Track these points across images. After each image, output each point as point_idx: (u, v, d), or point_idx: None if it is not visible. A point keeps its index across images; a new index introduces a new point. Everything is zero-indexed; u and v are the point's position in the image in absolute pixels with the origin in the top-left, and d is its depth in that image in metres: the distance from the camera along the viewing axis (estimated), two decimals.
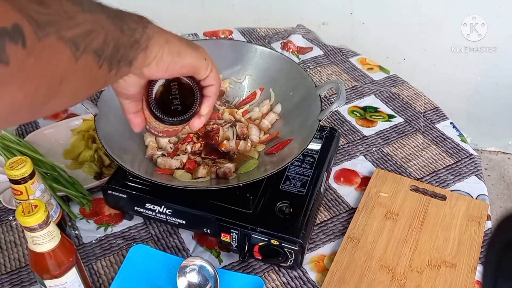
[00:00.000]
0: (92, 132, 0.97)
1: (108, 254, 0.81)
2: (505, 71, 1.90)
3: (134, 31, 0.47)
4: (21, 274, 0.78)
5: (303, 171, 0.82)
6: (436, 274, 0.76)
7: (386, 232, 0.82)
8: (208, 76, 0.59)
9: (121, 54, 0.45)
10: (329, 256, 0.81)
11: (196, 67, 0.57)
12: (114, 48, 0.43)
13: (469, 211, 0.85)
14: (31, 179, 0.71)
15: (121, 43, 0.44)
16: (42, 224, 0.59)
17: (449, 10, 1.77)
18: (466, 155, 1.00)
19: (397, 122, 1.09)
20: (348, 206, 0.89)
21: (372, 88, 1.19)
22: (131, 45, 0.46)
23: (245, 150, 0.83)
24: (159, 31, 0.51)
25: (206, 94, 0.61)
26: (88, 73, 0.41)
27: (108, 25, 0.42)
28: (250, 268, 0.79)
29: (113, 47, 0.43)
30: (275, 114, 0.89)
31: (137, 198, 0.78)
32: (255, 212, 0.75)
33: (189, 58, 0.55)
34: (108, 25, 0.42)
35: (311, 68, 1.26)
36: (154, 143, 0.83)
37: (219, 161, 0.81)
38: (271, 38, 1.38)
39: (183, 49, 0.54)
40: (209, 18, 1.79)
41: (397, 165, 0.98)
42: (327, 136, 0.90)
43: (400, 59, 1.95)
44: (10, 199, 0.84)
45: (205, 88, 0.61)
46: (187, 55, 0.55)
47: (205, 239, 0.83)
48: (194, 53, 0.56)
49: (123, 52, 0.45)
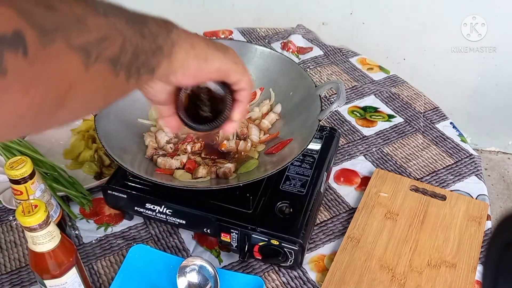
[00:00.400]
0: (92, 132, 0.97)
1: (108, 254, 0.81)
2: (505, 71, 1.90)
3: (157, 37, 0.43)
4: (21, 274, 0.78)
5: (303, 171, 0.82)
6: (436, 274, 0.76)
7: (386, 232, 0.82)
8: (239, 80, 0.56)
9: (142, 61, 0.41)
10: (329, 256, 0.81)
11: (225, 71, 0.54)
12: (133, 55, 0.39)
13: (469, 211, 0.85)
14: (31, 179, 0.71)
15: (141, 50, 0.41)
16: (42, 224, 0.59)
17: (449, 10, 1.77)
18: (466, 155, 1.00)
19: (397, 122, 1.09)
20: (348, 206, 0.89)
21: (372, 88, 1.19)
22: (153, 52, 0.43)
23: (245, 150, 0.83)
24: (185, 35, 0.48)
25: (237, 98, 0.58)
26: (101, 82, 0.37)
27: (127, 30, 0.39)
28: (250, 268, 0.79)
29: (131, 54, 0.39)
30: (275, 114, 0.89)
31: (137, 198, 0.78)
32: (255, 212, 0.75)
33: (217, 62, 0.52)
34: (126, 30, 0.39)
35: (311, 68, 1.26)
36: (154, 143, 0.83)
37: (219, 161, 0.81)
38: (271, 38, 1.38)
39: (210, 53, 0.51)
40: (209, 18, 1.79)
41: (397, 165, 0.98)
42: (327, 136, 0.90)
43: (400, 59, 1.95)
44: (10, 199, 0.84)
45: (237, 92, 0.57)
46: (214, 60, 0.52)
47: (205, 239, 0.83)
48: (222, 56, 0.52)
49: (143, 59, 0.42)
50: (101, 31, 0.36)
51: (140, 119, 0.87)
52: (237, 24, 1.44)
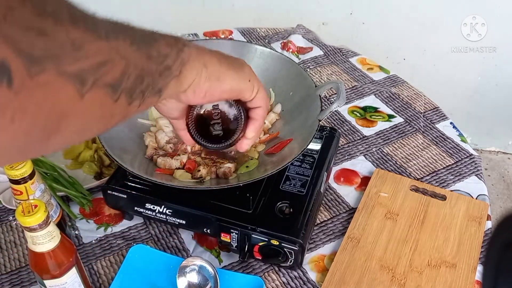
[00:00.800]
0: None
1: (108, 254, 0.81)
2: (505, 71, 1.90)
3: (166, 57, 0.41)
4: (21, 274, 0.78)
5: (303, 171, 0.82)
6: (436, 274, 0.76)
7: (386, 232, 0.82)
8: (255, 98, 0.55)
9: (146, 84, 0.39)
10: (329, 256, 0.81)
11: (238, 91, 0.52)
12: (136, 79, 0.37)
13: (469, 211, 0.85)
14: (31, 179, 0.71)
15: (146, 72, 0.39)
16: (42, 224, 0.59)
17: (449, 10, 1.77)
18: (466, 155, 1.00)
19: (397, 122, 1.09)
20: (348, 206, 0.89)
21: (372, 88, 1.19)
22: (160, 73, 0.41)
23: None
24: (197, 53, 0.46)
25: (252, 116, 0.57)
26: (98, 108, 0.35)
27: (131, 52, 0.37)
28: (250, 268, 0.79)
29: (135, 78, 0.37)
30: (275, 114, 0.89)
31: (137, 198, 0.78)
32: (255, 212, 0.75)
33: (230, 82, 0.50)
34: (130, 53, 0.37)
35: (311, 68, 1.26)
36: (154, 143, 0.83)
37: (219, 161, 0.81)
38: (271, 38, 1.38)
39: (223, 72, 0.50)
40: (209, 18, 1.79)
41: (397, 165, 0.98)
42: (327, 136, 0.90)
43: (400, 59, 1.95)
44: (10, 199, 0.84)
45: (251, 110, 0.57)
46: (227, 79, 0.50)
47: (205, 239, 0.83)
48: (236, 75, 0.51)
49: (149, 82, 0.39)
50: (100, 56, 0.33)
51: (140, 119, 0.87)
52: (237, 24, 1.44)
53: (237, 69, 0.52)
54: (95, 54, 0.33)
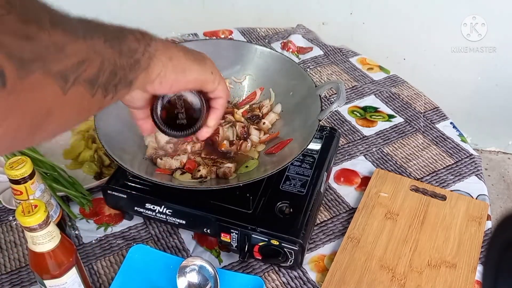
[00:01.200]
0: (92, 132, 0.97)
1: (108, 254, 0.81)
2: (505, 71, 1.90)
3: (135, 52, 0.45)
4: (21, 274, 0.78)
5: (303, 171, 0.82)
6: (436, 274, 0.76)
7: (386, 232, 0.82)
8: (216, 89, 0.59)
9: (119, 78, 0.42)
10: (329, 256, 0.81)
11: (202, 82, 0.56)
12: (110, 74, 0.41)
13: (469, 211, 0.85)
14: (31, 179, 0.71)
15: (119, 67, 0.42)
16: (42, 224, 0.59)
17: (449, 10, 1.77)
18: (466, 155, 1.00)
19: (397, 122, 1.09)
20: (348, 206, 0.89)
21: (372, 88, 1.19)
22: (130, 67, 0.44)
23: (245, 150, 0.83)
24: (163, 47, 0.50)
25: (213, 106, 0.61)
26: (78, 103, 0.38)
27: (105, 50, 0.40)
28: (250, 268, 0.79)
29: (109, 73, 0.40)
30: (275, 114, 0.89)
31: (137, 198, 0.78)
32: (255, 212, 0.75)
33: (194, 74, 0.54)
34: (104, 50, 0.40)
35: (311, 68, 1.26)
36: (154, 143, 0.83)
37: (219, 161, 0.81)
38: (271, 38, 1.38)
39: (188, 65, 0.53)
40: (209, 18, 1.79)
41: (397, 165, 0.98)
42: (327, 136, 0.90)
43: (400, 59, 1.95)
44: (10, 199, 0.84)
45: (213, 100, 0.60)
46: (192, 71, 0.54)
47: (205, 239, 0.83)
48: (199, 68, 0.55)
49: (121, 76, 0.43)
50: (80, 55, 0.36)
51: None
52: (237, 24, 1.44)
53: (201, 61, 0.56)
54: (75, 53, 0.36)
